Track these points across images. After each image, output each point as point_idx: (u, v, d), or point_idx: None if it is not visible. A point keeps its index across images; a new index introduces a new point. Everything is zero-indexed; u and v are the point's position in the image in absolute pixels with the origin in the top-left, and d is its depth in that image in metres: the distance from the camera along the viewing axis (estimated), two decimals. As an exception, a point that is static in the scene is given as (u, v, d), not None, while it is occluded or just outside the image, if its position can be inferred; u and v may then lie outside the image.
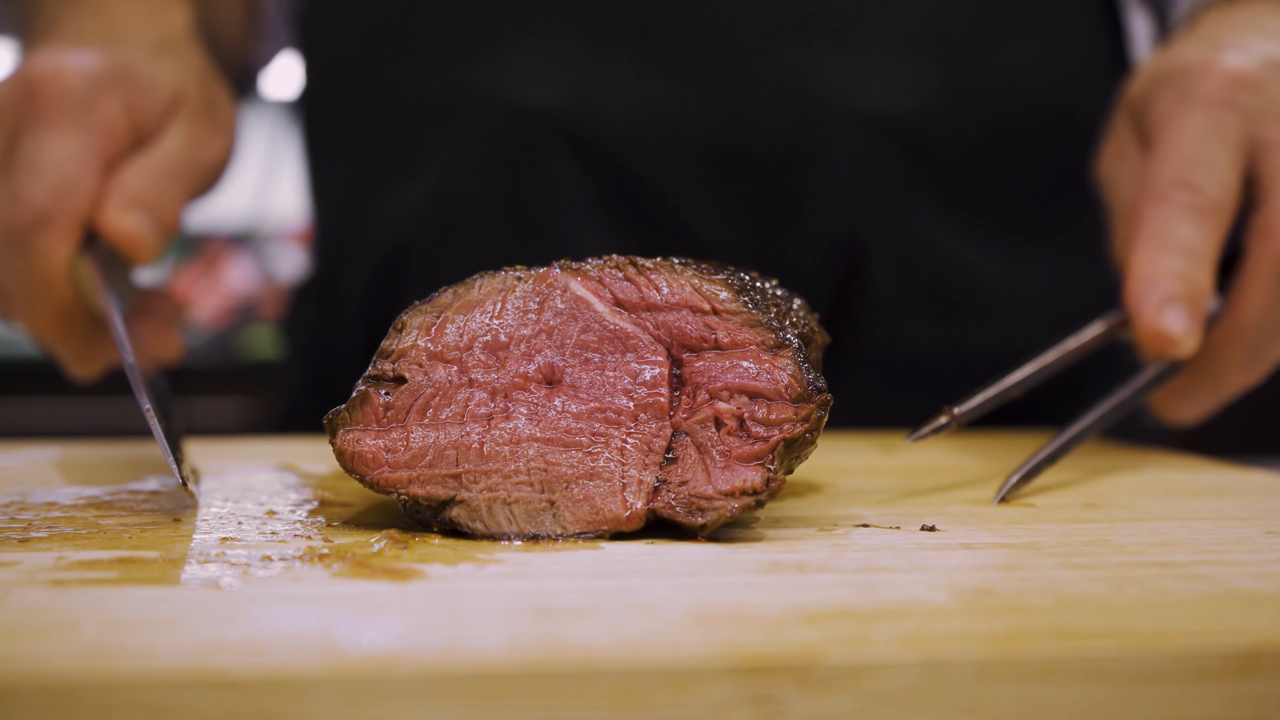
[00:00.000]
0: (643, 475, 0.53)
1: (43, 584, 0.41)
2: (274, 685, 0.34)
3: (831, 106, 0.88)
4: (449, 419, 0.55)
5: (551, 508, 0.53)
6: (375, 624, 0.37)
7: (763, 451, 0.52)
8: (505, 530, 0.53)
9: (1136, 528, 0.53)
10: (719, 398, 0.53)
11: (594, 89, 0.89)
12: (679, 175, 0.89)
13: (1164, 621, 0.39)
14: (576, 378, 0.54)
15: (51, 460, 0.72)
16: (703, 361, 0.54)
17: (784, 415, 0.52)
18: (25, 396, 2.37)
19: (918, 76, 0.89)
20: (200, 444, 0.80)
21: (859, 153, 0.89)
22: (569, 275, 0.55)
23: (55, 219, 0.71)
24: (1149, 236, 0.71)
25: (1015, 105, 0.92)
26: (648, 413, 0.53)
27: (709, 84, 0.89)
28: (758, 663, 0.35)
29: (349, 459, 0.55)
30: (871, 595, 0.41)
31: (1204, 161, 0.72)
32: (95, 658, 0.34)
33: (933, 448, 0.82)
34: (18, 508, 0.56)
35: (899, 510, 0.57)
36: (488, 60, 0.90)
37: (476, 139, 0.90)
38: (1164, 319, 0.69)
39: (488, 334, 0.55)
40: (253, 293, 3.05)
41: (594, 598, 0.40)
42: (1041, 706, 0.37)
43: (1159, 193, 0.72)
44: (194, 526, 0.52)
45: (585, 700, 0.35)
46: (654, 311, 0.54)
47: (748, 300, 0.54)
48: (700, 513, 0.51)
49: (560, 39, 0.89)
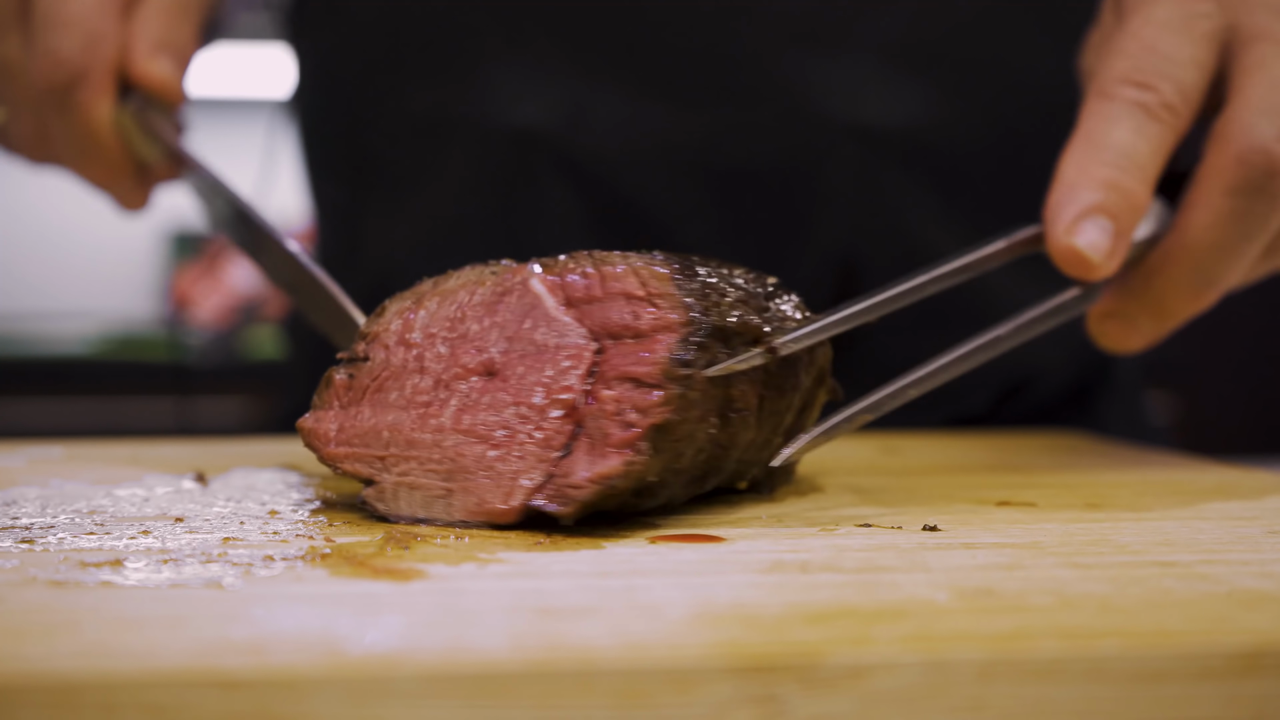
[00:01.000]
0: (533, 471, 0.53)
1: (44, 583, 0.41)
2: (276, 684, 0.34)
3: (828, 120, 0.87)
4: (394, 402, 0.57)
5: (447, 496, 0.54)
6: (377, 624, 0.37)
7: (633, 438, 0.51)
8: (402, 514, 0.55)
9: (1139, 527, 0.53)
10: (610, 386, 0.53)
11: (586, 108, 0.88)
12: (673, 193, 0.88)
13: (1166, 621, 0.39)
14: (510, 372, 0.55)
15: (55, 459, 0.72)
16: (618, 350, 0.53)
17: (651, 401, 0.52)
18: (29, 396, 2.37)
19: (915, 87, 0.88)
20: (203, 444, 0.80)
21: (857, 165, 0.88)
22: (532, 271, 0.56)
23: (90, 73, 0.73)
24: (1082, 137, 0.63)
25: (1016, 114, 0.90)
26: (557, 408, 0.54)
27: (702, 100, 0.87)
28: (760, 662, 0.35)
29: (307, 434, 0.59)
30: (873, 595, 0.41)
31: (1164, 56, 0.63)
32: (97, 657, 0.34)
33: (935, 447, 0.82)
34: (18, 508, 0.56)
35: (901, 510, 0.57)
36: (477, 80, 0.89)
37: (467, 160, 0.90)
38: (1079, 234, 0.60)
39: (449, 324, 0.57)
40: (255, 292, 3.05)
41: (596, 597, 0.40)
42: (1044, 706, 0.37)
43: (1104, 89, 0.63)
44: (196, 526, 0.52)
45: (588, 700, 0.35)
46: (594, 304, 0.55)
47: (680, 285, 0.54)
48: (566, 502, 0.52)
49: (550, 58, 0.88)
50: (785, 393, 0.58)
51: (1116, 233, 0.61)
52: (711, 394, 0.53)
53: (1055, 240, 0.61)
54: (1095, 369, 1.00)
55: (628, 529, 0.52)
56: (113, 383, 2.41)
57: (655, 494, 0.53)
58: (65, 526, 0.51)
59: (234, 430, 1.73)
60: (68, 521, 0.52)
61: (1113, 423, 0.99)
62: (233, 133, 3.05)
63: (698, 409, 0.52)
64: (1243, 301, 1.03)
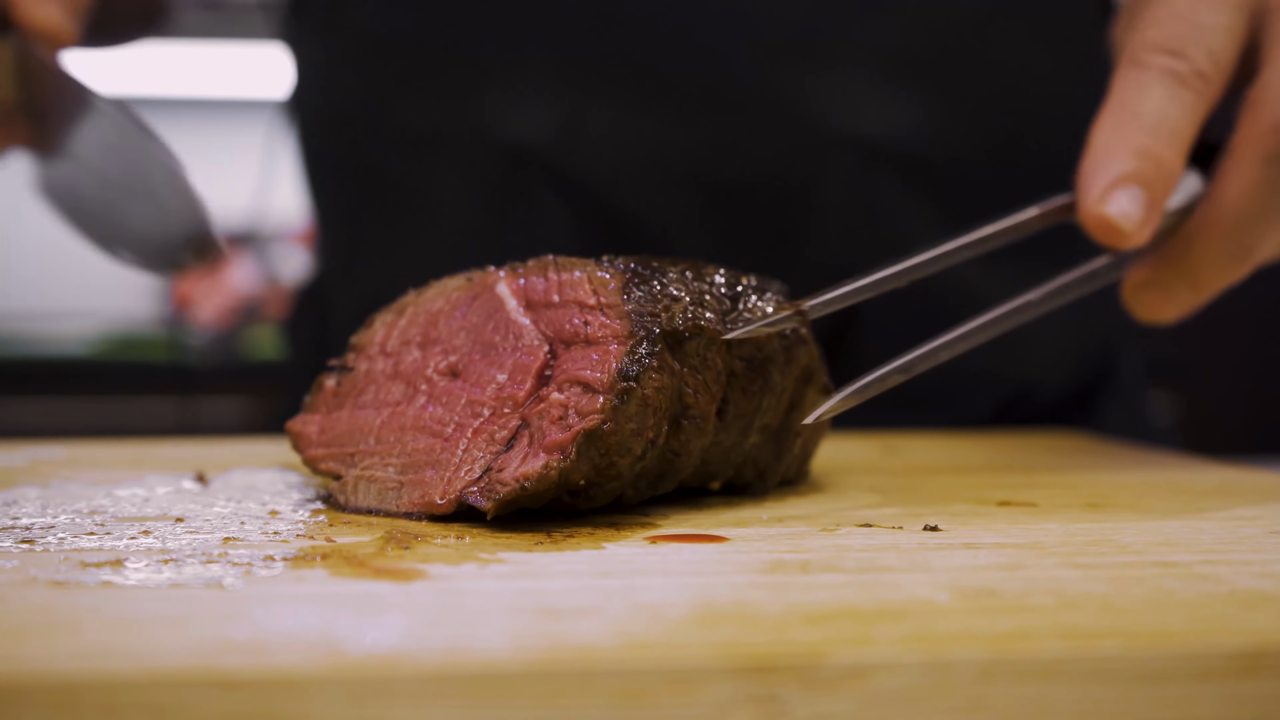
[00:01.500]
0: (474, 464, 0.54)
1: (45, 584, 0.41)
2: (277, 685, 0.34)
3: (823, 131, 0.86)
4: (368, 404, 0.59)
5: (399, 489, 0.55)
6: (378, 624, 0.37)
7: (564, 441, 0.52)
8: (359, 506, 0.56)
9: (1140, 527, 0.53)
10: (559, 389, 0.53)
11: (580, 123, 0.87)
12: (669, 207, 0.88)
13: (1168, 621, 0.39)
14: (470, 372, 0.57)
15: (56, 460, 0.72)
16: (569, 355, 0.54)
17: (593, 406, 0.52)
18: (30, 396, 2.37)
19: (910, 99, 0.88)
20: (203, 444, 0.80)
21: (852, 177, 0.87)
22: (499, 277, 0.58)
23: None
24: (1114, 105, 0.62)
25: (1015, 122, 0.89)
26: (505, 405, 0.54)
27: (697, 114, 0.87)
28: (760, 662, 0.35)
29: (294, 437, 0.62)
30: (874, 595, 0.41)
31: (1195, 24, 0.62)
32: (98, 657, 0.34)
33: (936, 447, 0.81)
34: (19, 508, 0.56)
35: (902, 510, 0.57)
36: (470, 94, 0.89)
37: (463, 174, 0.89)
38: (1111, 203, 0.60)
39: (424, 330, 0.60)
40: (256, 293, 3.05)
41: (597, 597, 0.40)
42: (1045, 706, 0.37)
43: (1136, 57, 0.63)
44: (196, 526, 0.52)
45: (588, 700, 0.35)
46: (549, 308, 0.56)
47: (629, 293, 0.54)
48: (491, 496, 0.52)
49: (545, 73, 0.88)
50: (754, 395, 0.58)
51: (1149, 201, 0.60)
52: (658, 403, 0.53)
53: (1087, 208, 0.61)
54: (1097, 373, 1.00)
55: (628, 529, 0.52)
56: (113, 383, 2.41)
57: (591, 496, 0.54)
58: (66, 527, 0.51)
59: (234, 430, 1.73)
60: (68, 522, 0.52)
61: (1115, 423, 0.99)
62: (232, 133, 3.06)
63: (634, 421, 0.52)
64: (1244, 301, 1.03)
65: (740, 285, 0.59)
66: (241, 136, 3.03)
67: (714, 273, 0.58)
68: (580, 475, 0.52)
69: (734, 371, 0.57)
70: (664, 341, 0.53)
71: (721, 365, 0.56)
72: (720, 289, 0.58)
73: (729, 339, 0.56)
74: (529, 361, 0.55)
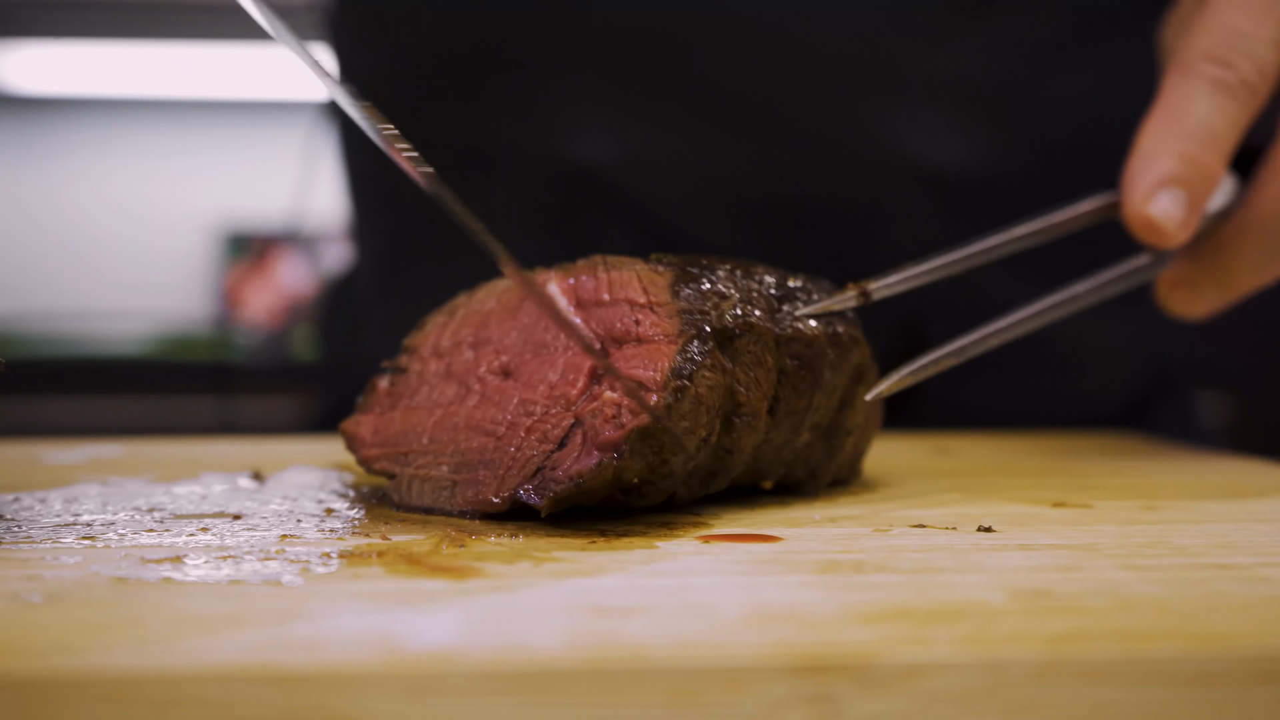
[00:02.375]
0: (528, 462, 0.54)
1: (106, 580, 0.42)
2: (334, 681, 0.34)
3: (885, 159, 0.86)
4: (422, 404, 0.60)
5: (452, 488, 0.55)
6: (434, 621, 0.38)
7: (618, 439, 0.52)
8: (414, 504, 0.56)
9: (1195, 529, 0.53)
10: (612, 387, 0.53)
11: (640, 145, 0.87)
12: (728, 232, 0.87)
13: (1224, 624, 0.39)
14: (522, 372, 0.57)
15: (114, 457, 0.73)
16: (621, 353, 0.54)
17: (645, 405, 0.52)
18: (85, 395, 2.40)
19: (976, 128, 0.87)
20: (256, 442, 0.81)
21: (914, 205, 0.87)
22: (549, 277, 0.58)
23: None
24: (1161, 110, 0.65)
25: (1081, 155, 0.89)
26: (557, 404, 0.55)
27: (759, 139, 0.86)
28: (814, 662, 0.35)
29: (348, 438, 0.62)
30: (928, 595, 0.41)
31: (1245, 36, 0.64)
32: (158, 653, 0.35)
33: (988, 449, 0.81)
34: (79, 505, 0.56)
35: (954, 511, 0.57)
36: (521, 112, 0.89)
37: (516, 193, 0.89)
38: (1155, 204, 0.63)
39: (475, 330, 0.60)
40: (304, 291, 3.07)
41: (649, 596, 0.41)
42: (1099, 708, 0.36)
43: (1186, 64, 0.65)
44: (253, 523, 0.52)
45: (642, 698, 0.35)
46: (600, 307, 0.56)
47: (678, 291, 0.54)
48: (545, 494, 0.52)
49: (605, 93, 0.87)
50: (805, 393, 0.58)
51: (1190, 204, 0.63)
52: (711, 401, 0.53)
53: (1131, 208, 0.64)
54: (1152, 377, 0.99)
55: (680, 528, 0.52)
56: (166, 381, 2.44)
57: (644, 494, 0.54)
58: (126, 523, 0.52)
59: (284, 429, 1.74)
60: (128, 518, 0.53)
61: (1167, 424, 0.98)
62: (273, 134, 3.08)
63: (688, 419, 0.52)
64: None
65: (789, 284, 0.59)
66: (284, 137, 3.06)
67: (762, 272, 0.58)
68: (634, 473, 0.52)
69: (785, 369, 0.57)
70: (715, 339, 0.53)
71: (772, 362, 0.56)
72: (769, 288, 0.58)
73: (804, 314, 0.57)
74: (580, 360, 0.55)
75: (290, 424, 2.22)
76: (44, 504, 0.57)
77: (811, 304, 0.59)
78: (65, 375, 2.43)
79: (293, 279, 3.11)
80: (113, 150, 3.11)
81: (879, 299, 0.60)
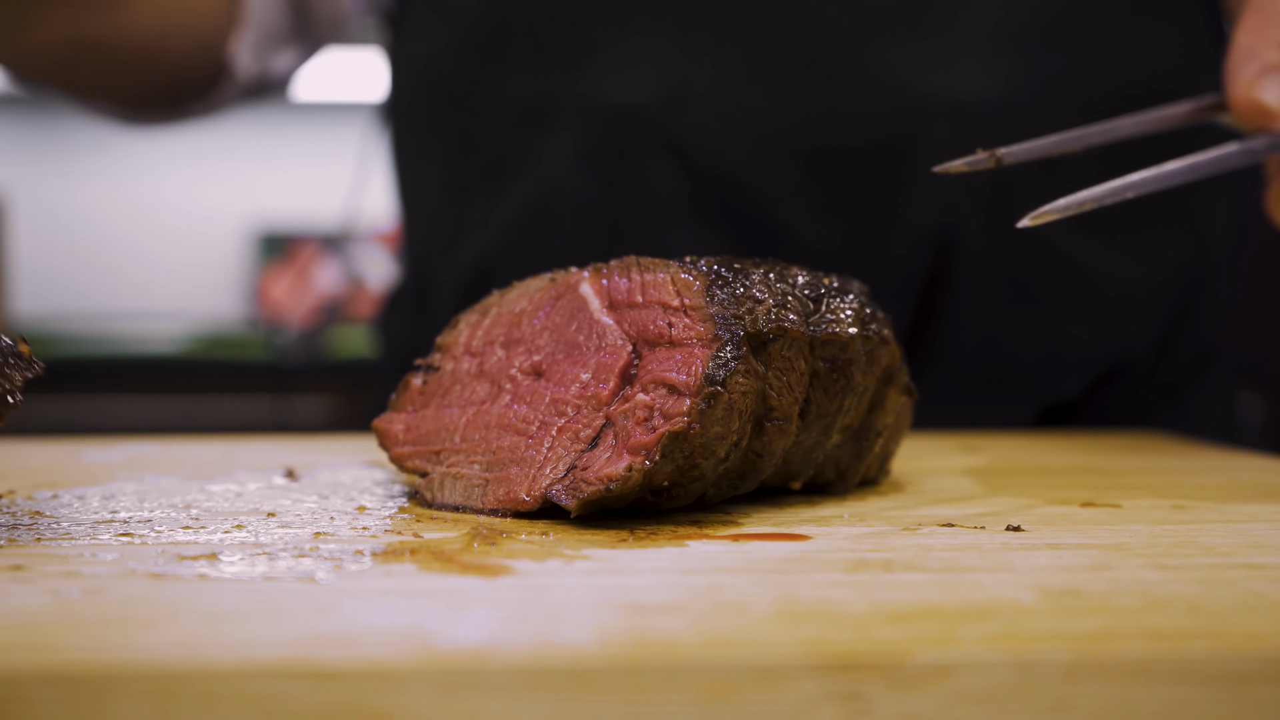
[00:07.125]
0: (559, 462, 0.54)
1: (143, 576, 0.42)
2: (369, 676, 0.35)
3: (924, 98, 0.88)
4: (454, 403, 0.60)
5: (484, 486, 0.56)
6: (467, 618, 0.38)
7: (650, 443, 0.52)
8: (445, 503, 0.57)
9: (1226, 529, 0.53)
10: (645, 390, 0.53)
11: (685, 87, 0.89)
12: (771, 173, 0.89)
13: (1255, 624, 0.39)
14: (554, 372, 0.57)
15: (150, 456, 0.74)
16: (654, 356, 0.54)
17: (679, 409, 0.52)
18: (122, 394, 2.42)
19: (1009, 65, 0.88)
20: (291, 441, 0.81)
21: (953, 144, 0.87)
22: (582, 277, 0.58)
23: None
24: (1254, 9, 0.70)
25: (1114, 91, 0.90)
26: (588, 404, 0.55)
27: (800, 80, 0.88)
28: (846, 660, 0.36)
29: (380, 435, 0.63)
30: (958, 594, 0.41)
31: None
32: (195, 648, 0.35)
33: (1017, 447, 0.81)
34: (117, 502, 0.57)
35: (983, 510, 0.57)
36: (579, 63, 0.91)
37: (569, 141, 0.91)
38: (1260, 88, 0.67)
39: (508, 330, 0.60)
40: (340, 293, 3.09)
41: (681, 594, 0.41)
42: (1130, 707, 0.36)
43: None
44: (288, 520, 0.53)
45: (674, 695, 0.35)
46: (633, 309, 0.56)
47: (712, 295, 0.54)
48: (575, 495, 0.52)
49: (651, 39, 0.89)
50: (836, 395, 0.58)
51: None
52: (743, 406, 0.53)
53: (1237, 95, 0.68)
54: (1187, 361, 0.99)
55: (710, 527, 0.53)
56: (202, 381, 2.45)
57: (674, 496, 0.54)
58: (162, 520, 0.53)
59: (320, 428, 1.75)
60: (164, 516, 0.54)
61: (1205, 422, 0.98)
62: (309, 136, 3.09)
63: (720, 424, 0.52)
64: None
65: (823, 287, 0.59)
66: (319, 138, 3.07)
67: (796, 274, 0.58)
68: (664, 476, 0.52)
69: (816, 372, 0.57)
70: (748, 343, 0.54)
71: (804, 366, 0.56)
72: (803, 290, 0.58)
73: (940, 169, 0.62)
74: (612, 361, 0.55)
75: (324, 423, 2.22)
76: (82, 501, 0.57)
77: (847, 302, 0.59)
78: (103, 374, 2.45)
79: (328, 280, 3.12)
80: (149, 152, 3.13)
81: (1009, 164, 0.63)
